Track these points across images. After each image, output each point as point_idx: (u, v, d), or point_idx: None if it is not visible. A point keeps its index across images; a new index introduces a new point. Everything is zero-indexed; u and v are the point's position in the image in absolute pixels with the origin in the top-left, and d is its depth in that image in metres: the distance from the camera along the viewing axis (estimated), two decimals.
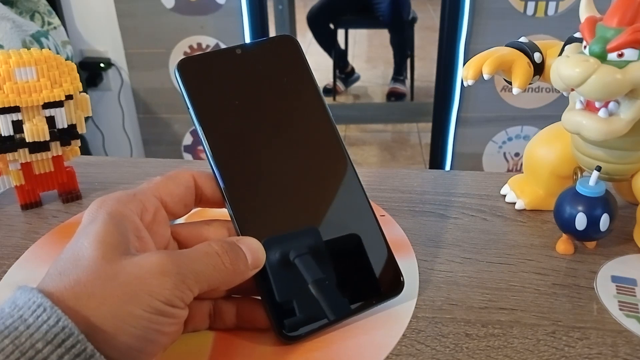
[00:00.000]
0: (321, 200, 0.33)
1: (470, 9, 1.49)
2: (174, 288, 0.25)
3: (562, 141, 0.43)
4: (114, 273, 0.24)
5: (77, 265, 0.25)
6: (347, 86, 3.00)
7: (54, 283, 0.24)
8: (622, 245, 0.41)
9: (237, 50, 0.33)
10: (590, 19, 0.36)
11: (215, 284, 0.27)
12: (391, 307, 0.34)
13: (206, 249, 0.28)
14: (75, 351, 0.22)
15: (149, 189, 0.30)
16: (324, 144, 0.34)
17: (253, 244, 0.29)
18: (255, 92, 0.33)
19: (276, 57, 0.34)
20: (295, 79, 0.34)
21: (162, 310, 0.25)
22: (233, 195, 0.31)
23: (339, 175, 0.34)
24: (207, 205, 0.32)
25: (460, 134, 1.68)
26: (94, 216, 0.27)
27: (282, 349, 0.31)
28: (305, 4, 2.93)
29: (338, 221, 0.33)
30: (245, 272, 0.29)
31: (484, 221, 0.45)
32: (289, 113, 0.33)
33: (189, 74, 0.32)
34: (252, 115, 0.32)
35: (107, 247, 0.25)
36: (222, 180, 0.31)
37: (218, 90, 0.32)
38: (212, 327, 0.32)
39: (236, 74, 0.33)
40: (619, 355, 0.31)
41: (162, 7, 1.59)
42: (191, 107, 0.31)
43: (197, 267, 0.26)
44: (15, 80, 0.43)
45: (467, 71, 0.41)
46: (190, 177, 0.31)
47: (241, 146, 0.32)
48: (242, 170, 0.32)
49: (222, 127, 0.32)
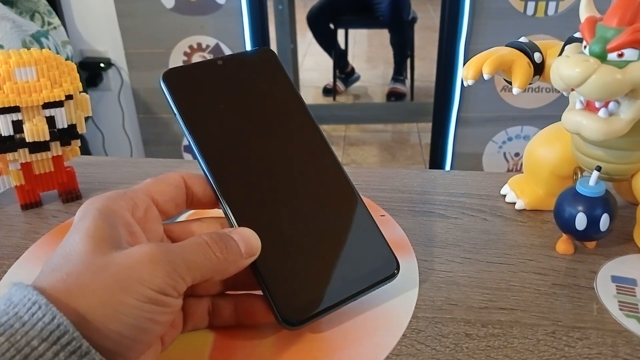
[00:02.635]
0: (310, 190, 0.34)
1: (470, 9, 1.49)
2: (166, 276, 0.25)
3: (562, 141, 0.43)
4: (105, 264, 0.25)
5: (68, 260, 0.25)
6: (347, 86, 3.00)
7: (46, 279, 0.24)
8: (622, 245, 0.41)
9: (218, 61, 0.35)
10: (590, 19, 0.37)
11: (208, 273, 0.27)
12: (391, 307, 0.34)
13: (196, 239, 0.28)
14: (71, 348, 0.22)
15: (139, 188, 0.30)
16: (307, 139, 0.35)
17: (246, 232, 0.30)
18: (238, 97, 0.35)
19: (256, 67, 0.36)
20: (275, 85, 0.36)
21: (154, 298, 0.25)
22: (225, 192, 0.32)
23: (323, 165, 0.35)
24: (199, 207, 0.33)
25: (460, 134, 1.68)
26: (85, 213, 0.27)
27: (282, 349, 0.31)
28: (305, 4, 2.93)
29: (329, 209, 0.34)
30: (239, 260, 0.29)
31: (484, 221, 0.45)
32: (271, 114, 0.35)
33: (174, 84, 0.34)
34: (236, 117, 0.34)
35: (97, 241, 0.26)
36: (214, 178, 0.32)
37: (203, 97, 0.34)
38: (212, 325, 0.32)
39: (219, 82, 0.35)
40: (619, 355, 0.31)
41: (162, 7, 1.59)
42: (178, 114, 0.33)
43: (188, 256, 0.27)
44: (15, 80, 0.43)
45: (467, 71, 0.41)
46: (180, 177, 0.32)
47: (229, 146, 0.33)
48: (231, 168, 0.33)
49: (210, 130, 0.33)
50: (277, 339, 0.32)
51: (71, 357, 0.22)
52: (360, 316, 0.33)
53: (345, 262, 0.33)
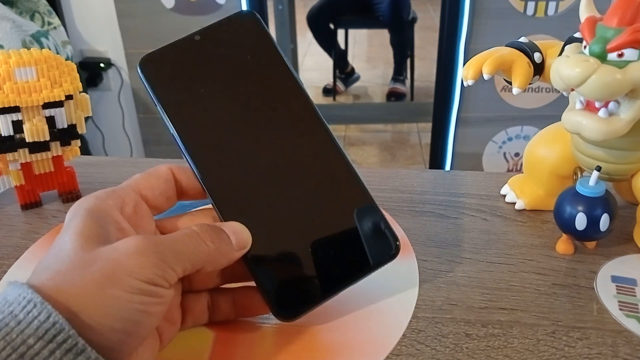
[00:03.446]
0: (303, 174, 0.32)
1: (470, 9, 1.49)
2: (154, 267, 0.25)
3: (562, 141, 0.43)
4: (92, 259, 0.25)
5: (58, 258, 0.25)
6: (347, 86, 3.00)
7: (38, 277, 0.25)
8: (622, 245, 0.41)
9: (195, 36, 0.33)
10: (590, 19, 0.37)
11: (199, 263, 0.27)
12: (391, 307, 0.34)
13: (185, 230, 0.28)
14: (67, 346, 0.22)
15: (127, 184, 0.30)
16: (299, 118, 0.33)
17: (236, 226, 0.30)
18: (221, 77, 0.32)
19: (237, 37, 0.33)
20: (261, 57, 0.33)
21: (144, 289, 0.25)
22: (211, 185, 0.31)
23: (318, 146, 0.33)
24: (189, 198, 0.32)
25: (460, 134, 1.68)
26: (74, 214, 0.28)
27: (282, 349, 0.31)
28: (305, 4, 2.93)
29: (322, 192, 0.32)
30: (230, 252, 0.29)
31: (484, 221, 0.45)
32: (258, 92, 0.33)
33: (152, 70, 0.32)
34: (221, 101, 0.32)
35: (85, 238, 0.26)
36: (199, 171, 0.31)
37: (183, 82, 0.32)
38: (212, 320, 0.32)
39: (198, 61, 0.32)
40: (619, 355, 0.31)
41: (162, 7, 1.59)
42: (158, 103, 0.31)
43: (177, 246, 0.27)
44: (15, 80, 0.43)
45: (467, 71, 0.41)
46: (169, 170, 0.31)
47: (214, 134, 0.32)
48: (218, 158, 0.31)
49: (192, 117, 0.32)
50: (277, 338, 0.32)
51: (67, 354, 0.22)
52: (361, 316, 0.33)
53: (341, 246, 0.32)
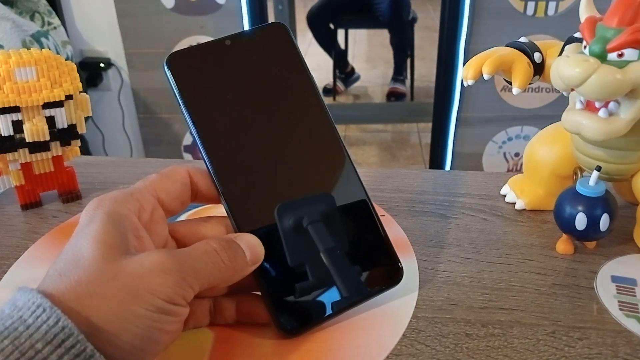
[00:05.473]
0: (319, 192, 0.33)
1: (470, 9, 1.49)
2: (175, 286, 0.25)
3: (562, 141, 0.43)
4: (115, 273, 0.24)
5: (78, 266, 0.25)
6: (347, 86, 3.00)
7: (54, 284, 0.24)
8: (622, 245, 0.41)
9: (226, 41, 0.33)
10: (590, 19, 0.36)
11: (215, 281, 0.27)
12: (391, 307, 0.34)
13: (205, 247, 0.28)
14: (75, 351, 0.22)
15: (145, 187, 0.30)
16: (318, 135, 0.33)
17: (251, 240, 0.29)
18: (247, 84, 0.33)
19: (267, 47, 0.34)
20: (287, 69, 0.34)
21: (164, 308, 0.25)
22: (228, 192, 0.31)
23: (334, 167, 0.33)
24: (203, 201, 0.32)
25: (460, 134, 1.68)
26: (92, 216, 0.27)
27: (282, 349, 0.31)
28: (305, 4, 2.92)
29: (335, 213, 0.32)
30: (245, 268, 0.29)
31: (484, 221, 0.45)
32: (281, 104, 0.33)
33: (179, 69, 0.31)
34: (244, 107, 0.32)
35: (107, 247, 0.25)
36: (217, 177, 0.31)
37: (209, 84, 0.32)
38: (213, 323, 0.32)
39: (226, 66, 0.32)
40: (619, 355, 0.31)
41: (162, 7, 1.59)
42: (182, 103, 0.31)
43: (197, 265, 0.27)
44: (15, 80, 0.43)
45: (467, 71, 0.41)
46: (186, 173, 0.31)
47: (235, 140, 0.32)
48: (236, 166, 0.31)
49: (215, 121, 0.32)
50: (278, 339, 0.32)
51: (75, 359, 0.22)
52: (361, 316, 0.33)
53: (346, 272, 0.32)
